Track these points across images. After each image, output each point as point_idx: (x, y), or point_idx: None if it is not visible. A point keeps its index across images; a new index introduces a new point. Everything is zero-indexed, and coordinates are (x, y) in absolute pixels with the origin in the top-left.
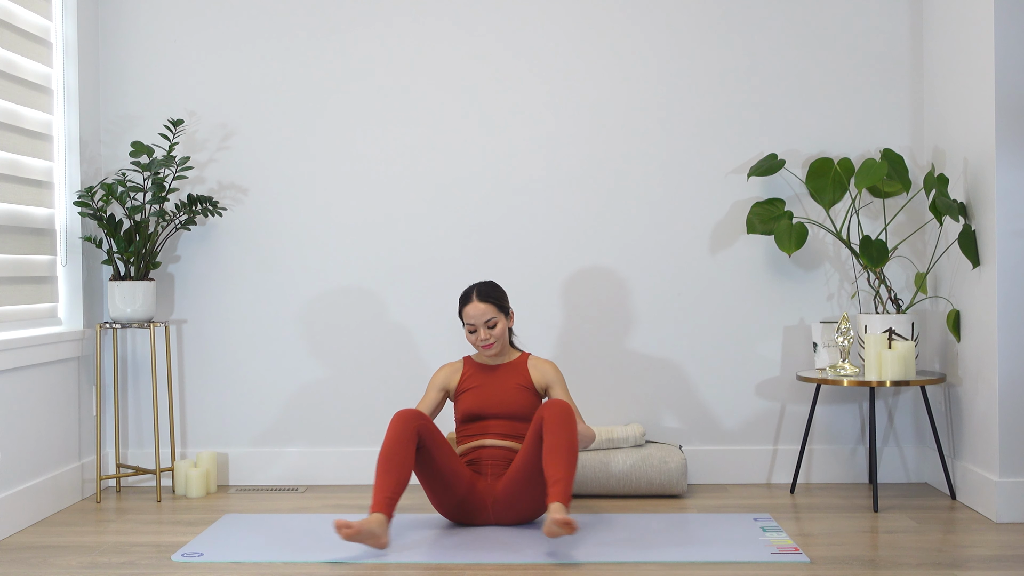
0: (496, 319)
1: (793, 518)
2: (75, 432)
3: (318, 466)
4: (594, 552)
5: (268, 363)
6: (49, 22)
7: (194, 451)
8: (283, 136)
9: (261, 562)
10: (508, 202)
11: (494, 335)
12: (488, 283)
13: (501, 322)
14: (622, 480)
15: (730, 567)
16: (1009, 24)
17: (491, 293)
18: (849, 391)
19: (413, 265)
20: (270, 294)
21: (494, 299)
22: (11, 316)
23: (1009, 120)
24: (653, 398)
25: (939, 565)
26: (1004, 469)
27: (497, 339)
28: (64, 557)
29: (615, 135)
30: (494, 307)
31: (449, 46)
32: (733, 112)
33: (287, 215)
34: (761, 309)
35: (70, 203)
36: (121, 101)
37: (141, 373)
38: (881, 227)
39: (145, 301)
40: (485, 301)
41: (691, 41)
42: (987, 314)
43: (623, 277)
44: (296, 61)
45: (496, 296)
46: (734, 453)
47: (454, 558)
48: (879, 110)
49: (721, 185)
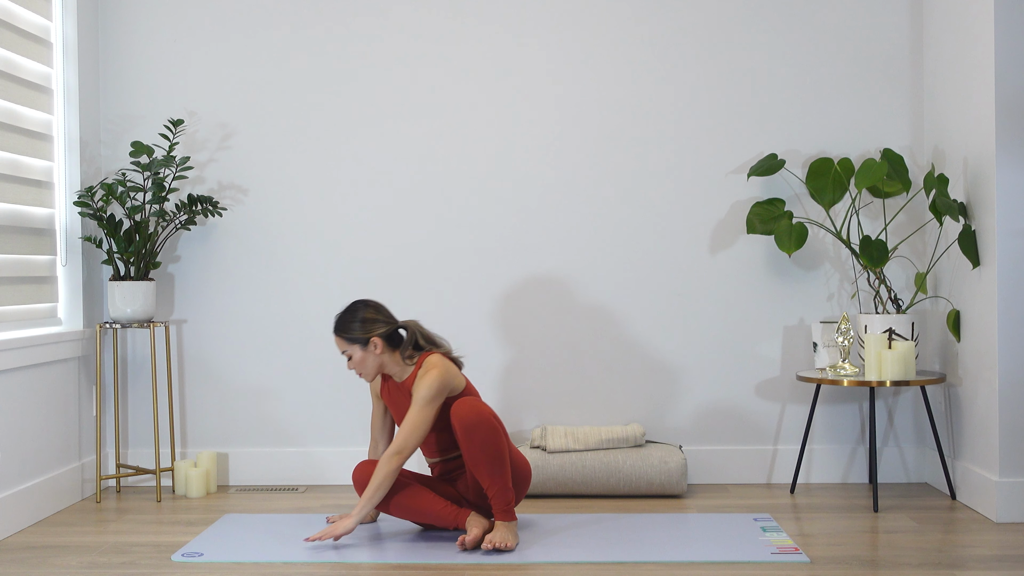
0: (348, 351)
1: (793, 518)
2: (75, 432)
3: (318, 466)
4: (594, 552)
5: (268, 363)
6: (49, 22)
7: (194, 451)
8: (283, 136)
9: (261, 562)
10: (509, 202)
11: (355, 366)
12: (344, 312)
13: (356, 354)
14: (622, 480)
15: (730, 567)
16: (1009, 24)
17: (340, 326)
18: (849, 391)
19: (413, 265)
20: (270, 294)
21: (342, 332)
22: (11, 316)
23: (1009, 120)
24: (653, 398)
25: (939, 565)
26: (1004, 469)
27: (360, 368)
28: (64, 557)
29: (615, 135)
30: (344, 340)
31: (451, 47)
32: (733, 112)
33: (287, 215)
34: (761, 309)
35: (70, 203)
36: (121, 101)
37: (141, 373)
38: (881, 227)
39: (145, 301)
40: (336, 334)
41: (691, 41)
42: (987, 314)
43: (623, 277)
44: (296, 61)
45: (344, 328)
46: (734, 453)
47: (454, 558)
48: (879, 110)
49: (721, 185)
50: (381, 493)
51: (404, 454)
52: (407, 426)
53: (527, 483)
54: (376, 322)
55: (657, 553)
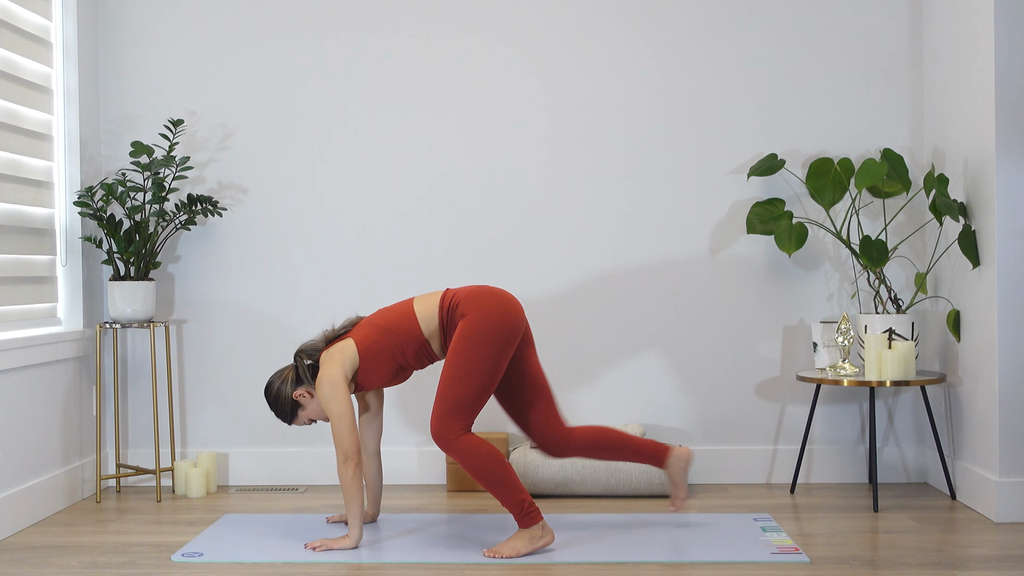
0: (303, 419)
1: (793, 518)
2: (75, 432)
3: (318, 466)
4: (594, 552)
5: (268, 363)
6: (49, 22)
7: (194, 451)
8: (283, 136)
9: (261, 562)
10: (508, 202)
11: (320, 418)
12: (270, 405)
13: (307, 415)
14: (622, 480)
15: (730, 567)
16: (1009, 24)
17: (280, 414)
18: (849, 391)
19: (413, 265)
20: (270, 294)
21: (284, 416)
22: (11, 316)
23: (1009, 120)
24: (653, 398)
25: (939, 565)
26: (1004, 469)
27: (324, 416)
28: (64, 557)
29: (615, 135)
30: (294, 420)
31: (449, 48)
32: (733, 112)
33: (287, 215)
34: (761, 309)
35: (70, 203)
36: (121, 101)
37: (141, 373)
38: (881, 227)
39: (145, 301)
40: (287, 422)
41: (691, 41)
42: (987, 314)
43: (623, 277)
44: (296, 61)
45: (283, 414)
46: (734, 453)
47: (454, 558)
48: (879, 110)
49: (721, 185)
50: (359, 499)
51: (351, 455)
52: (333, 434)
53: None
54: (284, 384)
55: (657, 553)
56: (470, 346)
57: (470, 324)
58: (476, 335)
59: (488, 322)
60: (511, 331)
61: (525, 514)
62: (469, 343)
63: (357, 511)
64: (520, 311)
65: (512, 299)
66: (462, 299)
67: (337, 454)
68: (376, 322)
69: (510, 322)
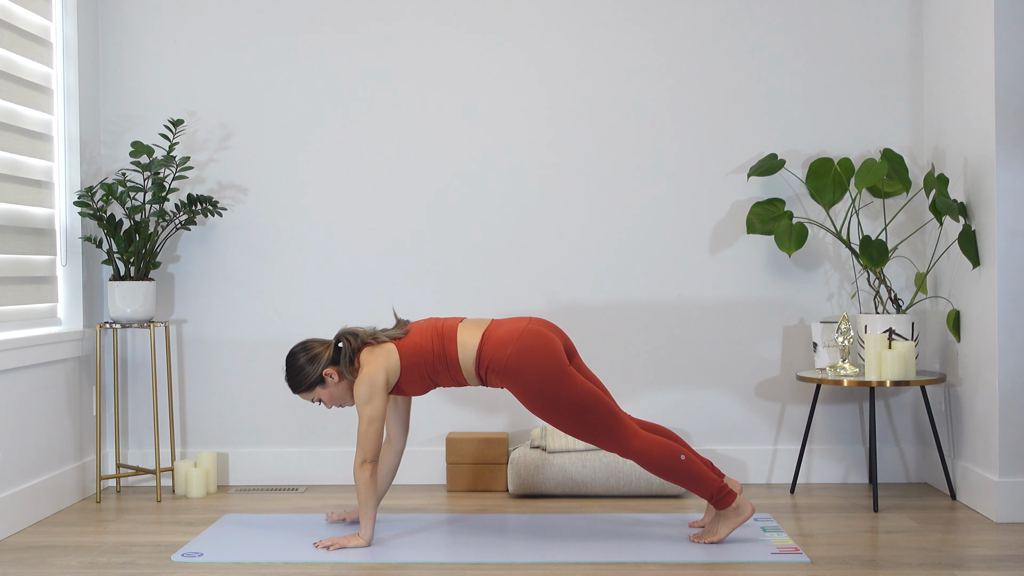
0: (315, 397)
1: (793, 518)
2: (75, 432)
3: (318, 466)
4: (594, 552)
5: (268, 363)
6: (49, 22)
7: (194, 451)
8: (283, 136)
9: (261, 562)
10: (508, 202)
11: (331, 404)
12: (288, 370)
13: (323, 395)
14: (622, 480)
15: (730, 567)
16: (1009, 24)
17: (294, 382)
18: (849, 391)
19: (413, 265)
20: (270, 294)
21: (299, 386)
22: (11, 316)
23: (1009, 120)
24: (653, 398)
25: (939, 565)
26: (1004, 469)
27: (337, 403)
28: (64, 557)
29: (615, 135)
30: (305, 392)
31: (450, 47)
32: (733, 112)
33: (287, 215)
34: (761, 309)
35: (70, 203)
36: (121, 101)
37: (141, 373)
38: (881, 227)
39: (145, 301)
40: (296, 392)
41: (691, 41)
42: (987, 314)
43: (623, 277)
44: (296, 61)
45: (298, 382)
46: (734, 453)
47: (454, 558)
48: (879, 110)
49: (721, 185)
50: (374, 499)
51: (370, 458)
52: (360, 433)
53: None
54: (317, 357)
55: (657, 553)
56: (548, 397)
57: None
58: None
59: (538, 372)
60: (554, 359)
61: (717, 499)
62: (546, 398)
63: (371, 511)
64: (544, 338)
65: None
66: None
67: (357, 454)
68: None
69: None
